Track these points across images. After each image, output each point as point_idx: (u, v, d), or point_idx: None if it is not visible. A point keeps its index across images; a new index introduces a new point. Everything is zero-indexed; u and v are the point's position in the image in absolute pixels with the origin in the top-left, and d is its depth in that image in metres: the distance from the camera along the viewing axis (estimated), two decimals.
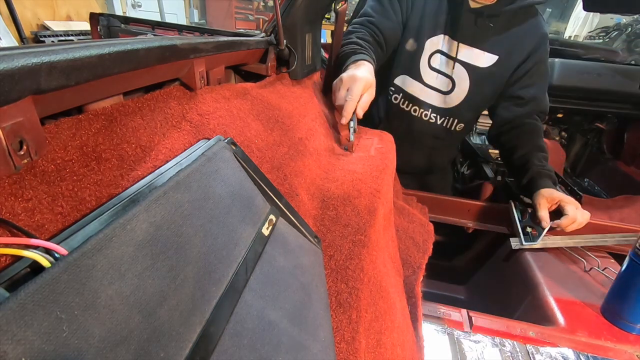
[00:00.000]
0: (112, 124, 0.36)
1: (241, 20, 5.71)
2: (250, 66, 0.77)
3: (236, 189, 0.40)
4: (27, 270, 0.22)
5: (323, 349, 0.37)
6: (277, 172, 0.55)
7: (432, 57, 1.05)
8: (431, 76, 1.07)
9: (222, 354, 0.27)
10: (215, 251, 0.32)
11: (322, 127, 0.82)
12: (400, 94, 1.13)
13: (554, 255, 0.92)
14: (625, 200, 1.38)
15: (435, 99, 1.10)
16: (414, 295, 0.68)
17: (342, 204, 0.59)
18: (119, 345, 0.21)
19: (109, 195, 0.31)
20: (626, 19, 2.85)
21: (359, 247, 0.52)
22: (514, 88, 1.06)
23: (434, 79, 1.07)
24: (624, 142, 1.72)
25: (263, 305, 0.33)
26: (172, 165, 0.37)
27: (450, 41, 1.02)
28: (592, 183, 1.78)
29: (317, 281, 0.44)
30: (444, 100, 1.10)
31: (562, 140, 1.90)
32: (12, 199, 0.25)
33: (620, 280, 0.70)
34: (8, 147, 0.25)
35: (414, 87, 1.10)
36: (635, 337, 0.67)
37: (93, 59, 0.31)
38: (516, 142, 1.06)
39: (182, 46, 0.45)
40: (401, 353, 0.50)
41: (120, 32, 1.00)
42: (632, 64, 1.65)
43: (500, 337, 0.66)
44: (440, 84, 1.08)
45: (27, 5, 2.54)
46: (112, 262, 0.23)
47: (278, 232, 0.43)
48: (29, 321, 0.18)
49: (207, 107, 0.50)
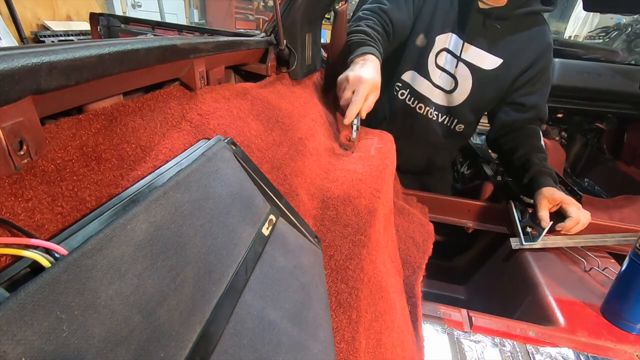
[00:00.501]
0: (112, 124, 0.36)
1: (241, 20, 5.71)
2: (250, 66, 0.77)
3: (236, 189, 0.40)
4: (27, 270, 0.22)
5: (323, 349, 0.37)
6: (277, 172, 0.55)
7: (439, 55, 1.05)
8: (436, 74, 1.07)
9: (222, 354, 0.27)
10: (215, 251, 0.32)
11: (322, 127, 0.82)
12: (407, 90, 1.12)
13: (554, 255, 0.92)
14: (625, 200, 1.38)
15: (438, 97, 1.10)
16: (414, 295, 0.68)
17: (342, 204, 0.59)
18: (119, 345, 0.21)
19: (109, 195, 0.31)
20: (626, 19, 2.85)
21: (359, 247, 0.52)
22: (516, 95, 1.06)
23: (438, 77, 1.07)
24: (624, 142, 1.72)
25: (263, 305, 0.33)
26: (172, 165, 0.37)
27: (457, 40, 1.02)
28: (592, 183, 1.78)
29: (317, 281, 0.44)
30: (447, 99, 1.10)
31: (562, 140, 1.90)
32: (12, 199, 0.25)
33: (620, 280, 0.70)
34: (8, 147, 0.25)
35: (422, 84, 1.09)
36: (635, 337, 0.67)
37: (93, 59, 0.31)
38: (515, 144, 1.06)
39: (182, 46, 0.45)
40: (401, 353, 0.50)
41: (120, 32, 1.00)
42: (632, 64, 1.65)
43: (500, 337, 0.66)
44: (443, 82, 1.08)
45: (27, 5, 2.54)
46: (112, 262, 0.23)
47: (278, 232, 0.43)
48: (29, 321, 0.18)
49: (207, 107, 0.50)
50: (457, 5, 1.01)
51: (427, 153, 1.23)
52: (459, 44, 1.02)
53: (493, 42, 1.01)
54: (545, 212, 0.92)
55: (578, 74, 1.55)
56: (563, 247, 0.94)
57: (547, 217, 0.91)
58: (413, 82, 1.11)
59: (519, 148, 1.04)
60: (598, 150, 1.83)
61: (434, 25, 1.03)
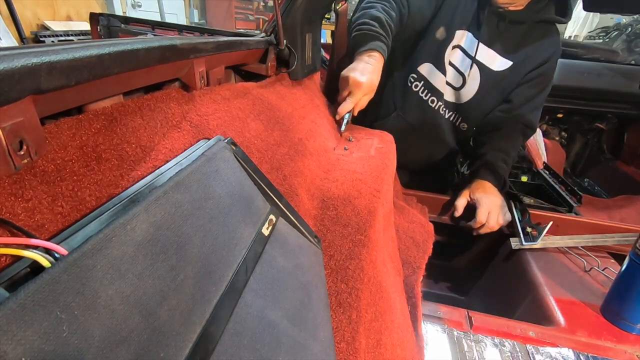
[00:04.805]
0: (112, 124, 0.36)
1: (241, 20, 5.70)
2: (250, 66, 0.77)
3: (236, 189, 0.40)
4: (27, 270, 0.22)
5: (323, 349, 0.37)
6: (277, 172, 0.55)
7: (453, 51, 1.05)
8: (450, 70, 1.07)
9: (222, 354, 0.27)
10: (215, 251, 0.32)
11: (322, 127, 0.82)
12: (422, 82, 1.12)
13: (554, 255, 0.93)
14: (625, 200, 1.38)
15: (449, 93, 1.10)
16: (414, 295, 0.68)
17: (342, 204, 0.59)
18: (119, 345, 0.21)
19: (109, 195, 0.31)
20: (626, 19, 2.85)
21: (359, 247, 0.52)
22: (512, 93, 1.06)
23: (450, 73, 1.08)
24: (624, 142, 1.72)
25: (263, 305, 0.33)
26: (172, 165, 0.37)
27: (472, 40, 1.02)
28: (592, 183, 1.78)
29: (317, 281, 0.44)
30: (454, 96, 1.10)
31: (562, 140, 1.89)
32: (12, 199, 0.25)
33: (620, 280, 0.70)
34: (8, 147, 0.25)
35: (438, 78, 1.09)
36: (635, 337, 0.67)
37: (93, 59, 0.31)
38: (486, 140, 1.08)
39: (182, 46, 0.45)
40: (401, 353, 0.50)
41: (120, 32, 1.00)
42: (632, 64, 1.66)
43: (500, 337, 0.66)
44: (453, 78, 1.08)
45: (27, 5, 2.54)
46: (112, 262, 0.23)
47: (278, 232, 0.43)
48: (29, 321, 0.18)
49: (207, 108, 0.50)
50: (476, 3, 1.01)
51: (431, 149, 1.23)
52: (473, 44, 1.02)
53: (505, 45, 1.01)
54: (462, 201, 0.97)
55: (578, 74, 1.55)
56: (563, 247, 0.94)
57: (461, 208, 0.97)
58: (429, 76, 1.10)
59: (485, 144, 1.07)
60: (598, 150, 1.83)
61: (455, 20, 1.03)
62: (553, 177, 1.32)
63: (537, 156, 1.41)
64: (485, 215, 0.93)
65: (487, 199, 0.95)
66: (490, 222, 0.93)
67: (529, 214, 0.97)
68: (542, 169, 1.39)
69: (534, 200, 1.17)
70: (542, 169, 1.39)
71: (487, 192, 0.97)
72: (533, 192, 1.24)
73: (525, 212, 0.98)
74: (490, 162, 1.01)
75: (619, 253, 0.95)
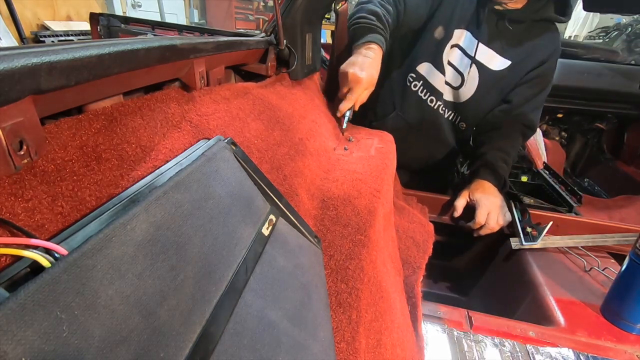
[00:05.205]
0: (112, 124, 0.36)
1: (241, 20, 5.70)
2: (250, 66, 0.77)
3: (236, 189, 0.40)
4: (27, 270, 0.22)
5: (323, 349, 0.37)
6: (277, 172, 0.55)
7: (452, 50, 1.05)
8: (448, 70, 1.07)
9: (222, 353, 0.27)
10: (215, 251, 0.32)
11: (322, 127, 0.82)
12: (421, 82, 1.12)
13: (554, 255, 0.92)
14: (625, 200, 1.38)
15: (447, 93, 1.10)
16: (414, 295, 0.68)
17: (342, 204, 0.59)
18: (119, 345, 0.21)
19: (109, 195, 0.31)
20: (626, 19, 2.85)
21: (359, 247, 0.52)
22: (512, 93, 1.06)
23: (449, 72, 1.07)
24: (624, 142, 1.72)
25: (263, 305, 0.33)
26: (172, 165, 0.37)
27: (471, 39, 1.02)
28: (592, 183, 1.78)
29: (317, 281, 0.44)
30: (453, 95, 1.10)
31: (562, 140, 1.89)
32: (12, 199, 0.25)
33: (620, 280, 0.70)
34: (8, 147, 0.25)
35: (437, 77, 1.09)
36: (635, 337, 0.67)
37: (93, 59, 0.31)
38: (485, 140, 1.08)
39: (182, 46, 0.45)
40: (401, 353, 0.50)
41: (120, 32, 1.00)
42: (632, 64, 1.66)
43: (500, 337, 0.66)
44: (452, 78, 1.08)
45: (27, 5, 2.54)
46: (112, 262, 0.23)
47: (278, 232, 0.43)
48: (29, 321, 0.18)
49: (207, 108, 0.50)
50: (475, 2, 1.01)
51: (431, 149, 1.23)
52: (472, 44, 1.01)
53: (504, 44, 1.01)
54: (461, 201, 0.97)
55: (578, 74, 1.55)
56: (563, 247, 0.94)
57: (460, 208, 0.97)
58: (428, 75, 1.10)
59: (485, 144, 1.06)
60: (598, 150, 1.83)
61: (453, 19, 1.03)
62: (553, 177, 1.32)
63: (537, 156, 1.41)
64: (484, 216, 0.93)
65: (486, 200, 0.95)
66: (490, 222, 0.93)
67: (529, 214, 0.97)
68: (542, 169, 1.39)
69: (534, 200, 1.17)
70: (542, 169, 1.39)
71: (487, 192, 0.97)
72: (533, 192, 1.24)
73: (525, 212, 0.98)
74: (490, 161, 1.01)
75: (619, 253, 0.95)
